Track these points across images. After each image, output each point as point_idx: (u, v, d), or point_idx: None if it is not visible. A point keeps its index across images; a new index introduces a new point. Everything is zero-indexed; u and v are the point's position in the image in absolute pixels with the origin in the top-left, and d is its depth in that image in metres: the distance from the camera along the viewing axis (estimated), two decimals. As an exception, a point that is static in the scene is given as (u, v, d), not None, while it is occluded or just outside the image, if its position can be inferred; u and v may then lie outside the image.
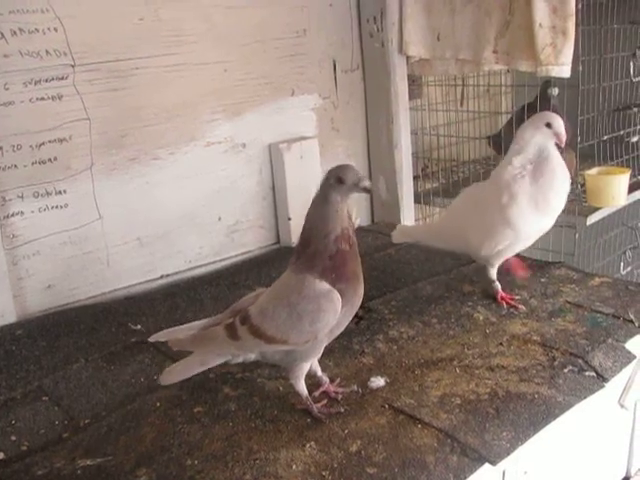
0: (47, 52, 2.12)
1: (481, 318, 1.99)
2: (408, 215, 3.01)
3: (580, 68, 2.51)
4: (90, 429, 1.55)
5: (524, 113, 2.75)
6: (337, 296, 1.45)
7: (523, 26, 2.41)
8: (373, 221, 3.09)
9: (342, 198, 1.46)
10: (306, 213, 1.53)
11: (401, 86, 2.89)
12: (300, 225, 2.63)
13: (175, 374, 1.57)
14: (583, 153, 2.70)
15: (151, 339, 1.60)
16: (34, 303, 2.22)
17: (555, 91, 2.76)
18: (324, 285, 1.45)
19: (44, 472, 1.40)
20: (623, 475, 2.00)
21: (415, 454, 1.39)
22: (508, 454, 1.40)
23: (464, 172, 3.36)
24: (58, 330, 2.06)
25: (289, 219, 2.70)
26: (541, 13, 2.32)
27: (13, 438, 1.54)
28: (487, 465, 1.38)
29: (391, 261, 2.48)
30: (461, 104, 3.36)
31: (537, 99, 2.78)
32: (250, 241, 2.72)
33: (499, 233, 1.95)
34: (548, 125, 1.92)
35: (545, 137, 1.92)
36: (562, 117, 2.67)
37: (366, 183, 1.46)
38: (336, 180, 1.46)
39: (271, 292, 1.54)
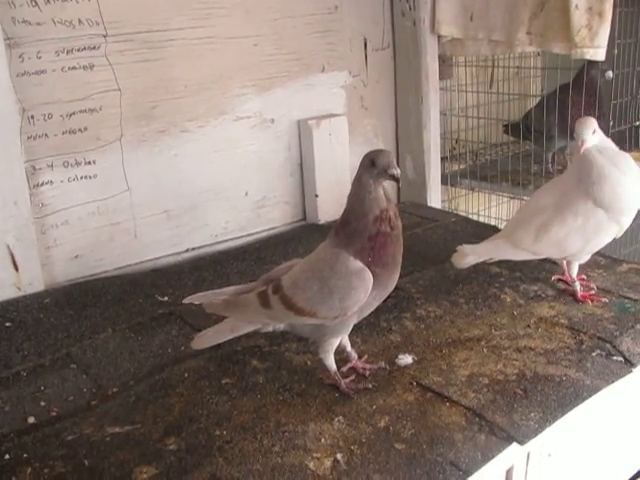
0: (80, 21, 2.12)
1: (508, 300, 1.98)
2: (435, 196, 3.00)
3: (615, 51, 2.48)
4: (118, 398, 1.56)
5: (556, 95, 2.72)
6: (369, 275, 1.44)
7: (558, 7, 2.38)
8: (399, 200, 3.07)
9: (374, 181, 1.45)
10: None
11: (432, 66, 2.87)
12: (327, 202, 2.68)
13: (207, 339, 1.58)
14: (614, 138, 2.66)
15: (185, 301, 1.61)
16: (61, 273, 2.24)
17: (610, 75, 2.67)
18: (357, 263, 1.44)
19: (74, 437, 1.42)
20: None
21: (443, 431, 1.39)
22: (536, 435, 1.40)
23: (491, 154, 3.33)
24: (85, 300, 2.07)
25: (316, 196, 2.70)
26: (578, -6, 2.29)
27: (42, 403, 1.56)
28: (514, 445, 1.38)
29: (418, 241, 2.47)
30: (490, 86, 3.34)
31: (574, 81, 2.73)
32: (276, 217, 2.72)
33: (604, 231, 1.92)
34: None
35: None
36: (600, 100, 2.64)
37: (394, 171, 1.44)
38: (369, 163, 1.46)
39: (305, 264, 1.54)
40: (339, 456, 1.32)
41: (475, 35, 2.72)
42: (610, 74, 2.65)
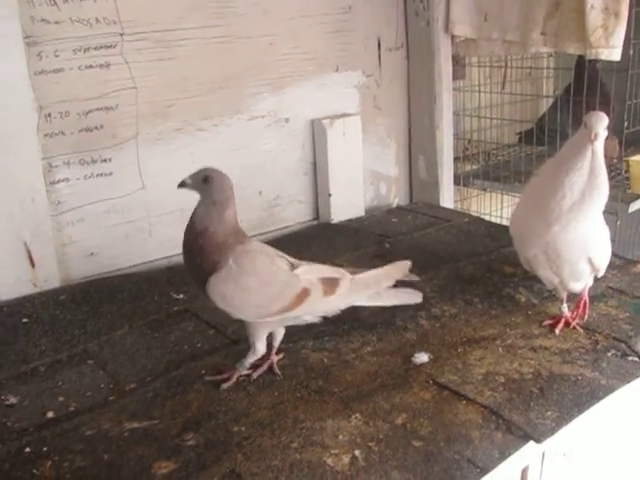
0: (97, 20, 2.13)
1: (523, 299, 1.98)
2: (447, 196, 3.00)
3: (631, 52, 2.48)
4: (136, 393, 1.57)
5: (569, 94, 2.73)
6: None
7: (574, 7, 2.38)
8: (411, 200, 3.09)
9: None
10: None
11: (445, 66, 2.87)
12: (340, 202, 2.69)
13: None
14: (629, 139, 2.67)
15: None
16: (77, 270, 2.24)
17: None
18: None
19: (92, 432, 1.42)
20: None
21: (460, 429, 1.40)
22: (553, 433, 1.40)
23: (503, 155, 3.33)
24: (101, 297, 2.08)
25: (329, 195, 2.70)
26: (594, -6, 2.29)
27: (61, 399, 1.56)
28: (530, 444, 1.38)
29: (431, 240, 2.48)
30: (503, 87, 3.34)
31: (579, 77, 2.73)
32: (289, 216, 2.72)
33: None
34: None
35: None
36: (610, 94, 2.63)
37: None
38: None
39: None
40: (357, 452, 1.32)
41: (489, 35, 2.72)
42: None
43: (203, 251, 1.53)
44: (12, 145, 2.00)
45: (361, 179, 2.82)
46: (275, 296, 1.55)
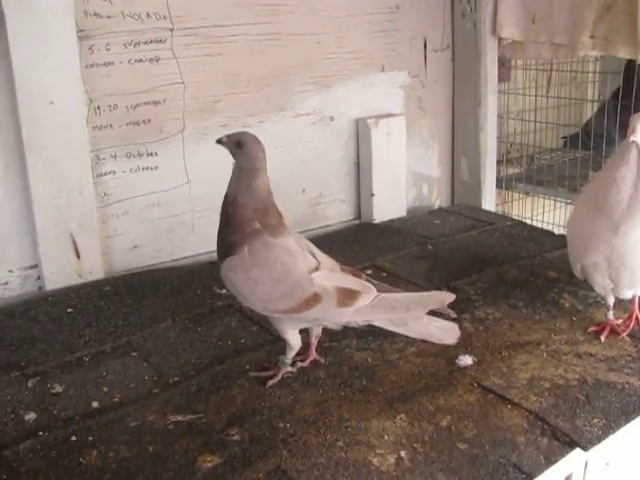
0: (148, 15, 2.16)
1: (567, 305, 1.96)
2: (489, 199, 2.98)
3: (684, 56, 2.44)
4: (180, 387, 1.58)
5: (617, 99, 2.69)
6: None
7: (626, 10, 2.35)
8: (453, 202, 3.07)
9: None
10: None
11: (491, 69, 2.85)
12: (382, 202, 2.67)
13: None
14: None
15: None
16: (120, 262, 2.27)
17: None
18: None
19: (137, 424, 1.44)
20: None
21: (506, 433, 1.39)
22: (600, 441, 1.39)
23: (546, 159, 3.30)
24: (144, 289, 2.10)
25: (372, 195, 2.70)
26: (647, -3, 2.26)
27: (105, 389, 1.58)
28: (576, 451, 1.36)
29: (474, 243, 2.46)
30: (547, 90, 3.30)
31: (628, 82, 2.69)
32: (332, 215, 2.73)
33: None
34: None
35: None
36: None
37: None
38: None
39: None
40: (403, 453, 1.32)
41: (536, 38, 2.70)
42: None
43: (230, 223, 1.55)
44: (62, 137, 2.03)
45: (404, 180, 2.81)
46: (282, 294, 1.52)
